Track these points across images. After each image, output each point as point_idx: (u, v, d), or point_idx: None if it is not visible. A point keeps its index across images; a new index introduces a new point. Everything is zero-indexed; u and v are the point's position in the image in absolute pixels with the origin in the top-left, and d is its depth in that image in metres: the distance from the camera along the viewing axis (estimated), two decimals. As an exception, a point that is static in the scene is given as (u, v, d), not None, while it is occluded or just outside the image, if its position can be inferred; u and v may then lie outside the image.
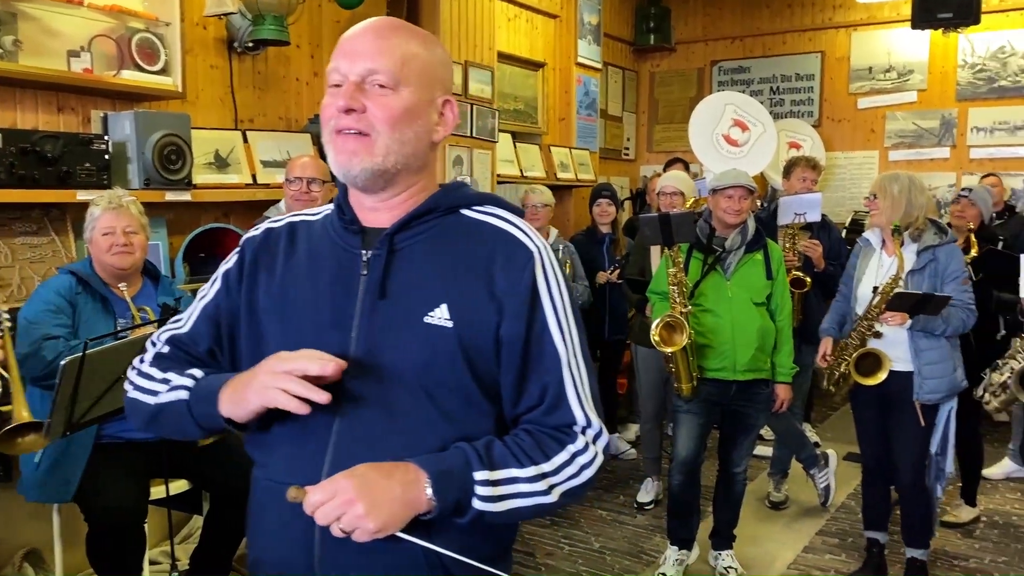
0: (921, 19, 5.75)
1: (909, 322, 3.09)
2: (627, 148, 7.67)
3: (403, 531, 1.13)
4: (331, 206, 1.33)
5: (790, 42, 7.18)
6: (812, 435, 5.01)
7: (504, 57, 5.47)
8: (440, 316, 1.19)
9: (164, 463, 2.65)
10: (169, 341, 1.35)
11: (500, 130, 5.21)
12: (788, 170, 4.33)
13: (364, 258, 1.24)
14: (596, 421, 1.25)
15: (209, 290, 1.36)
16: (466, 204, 1.29)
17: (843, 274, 3.50)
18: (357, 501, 1.08)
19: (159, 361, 1.33)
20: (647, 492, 4.37)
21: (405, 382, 1.18)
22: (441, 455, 1.16)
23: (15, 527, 3.06)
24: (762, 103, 6.38)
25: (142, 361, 1.35)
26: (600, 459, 1.25)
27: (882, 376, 3.15)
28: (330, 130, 1.22)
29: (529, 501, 1.18)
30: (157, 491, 2.73)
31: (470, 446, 1.17)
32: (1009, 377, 2.76)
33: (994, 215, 5.48)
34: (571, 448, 1.22)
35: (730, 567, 3.50)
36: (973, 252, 3.87)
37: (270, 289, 1.29)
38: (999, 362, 2.88)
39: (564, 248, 4.47)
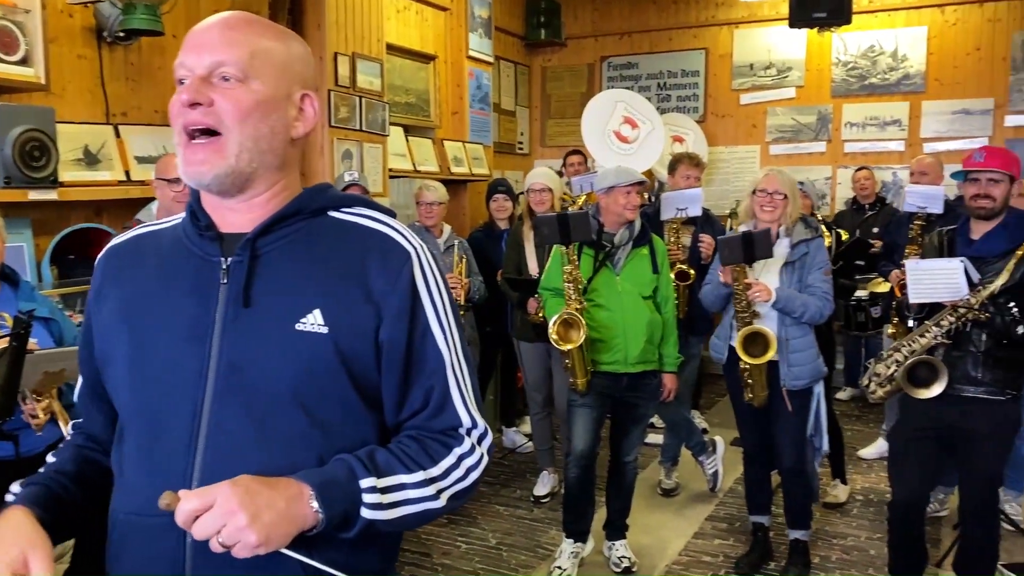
0: (798, 18, 6.02)
1: (774, 297, 3.22)
2: (521, 143, 7.70)
3: (286, 548, 1.06)
4: (182, 214, 1.25)
5: (676, 39, 7.35)
6: (700, 422, 5.16)
7: (394, 49, 5.38)
8: (313, 322, 1.13)
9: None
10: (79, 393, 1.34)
11: (392, 123, 5.13)
12: (672, 167, 4.44)
13: (224, 265, 1.16)
14: (480, 422, 1.24)
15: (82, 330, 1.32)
16: (334, 206, 1.23)
17: (711, 265, 3.59)
18: (239, 511, 0.99)
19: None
20: (543, 485, 4.41)
21: (276, 395, 1.12)
22: (322, 468, 1.11)
23: None
24: (650, 99, 6.53)
25: None
26: (486, 460, 1.23)
27: (772, 353, 3.23)
28: (178, 129, 1.14)
29: (418, 507, 1.15)
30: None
31: (352, 456, 1.12)
32: (896, 371, 2.92)
33: (867, 206, 5.83)
34: (457, 451, 1.20)
35: (623, 556, 3.56)
36: (828, 241, 4.09)
37: (117, 308, 1.21)
38: (883, 353, 3.05)
39: (459, 244, 4.44)
